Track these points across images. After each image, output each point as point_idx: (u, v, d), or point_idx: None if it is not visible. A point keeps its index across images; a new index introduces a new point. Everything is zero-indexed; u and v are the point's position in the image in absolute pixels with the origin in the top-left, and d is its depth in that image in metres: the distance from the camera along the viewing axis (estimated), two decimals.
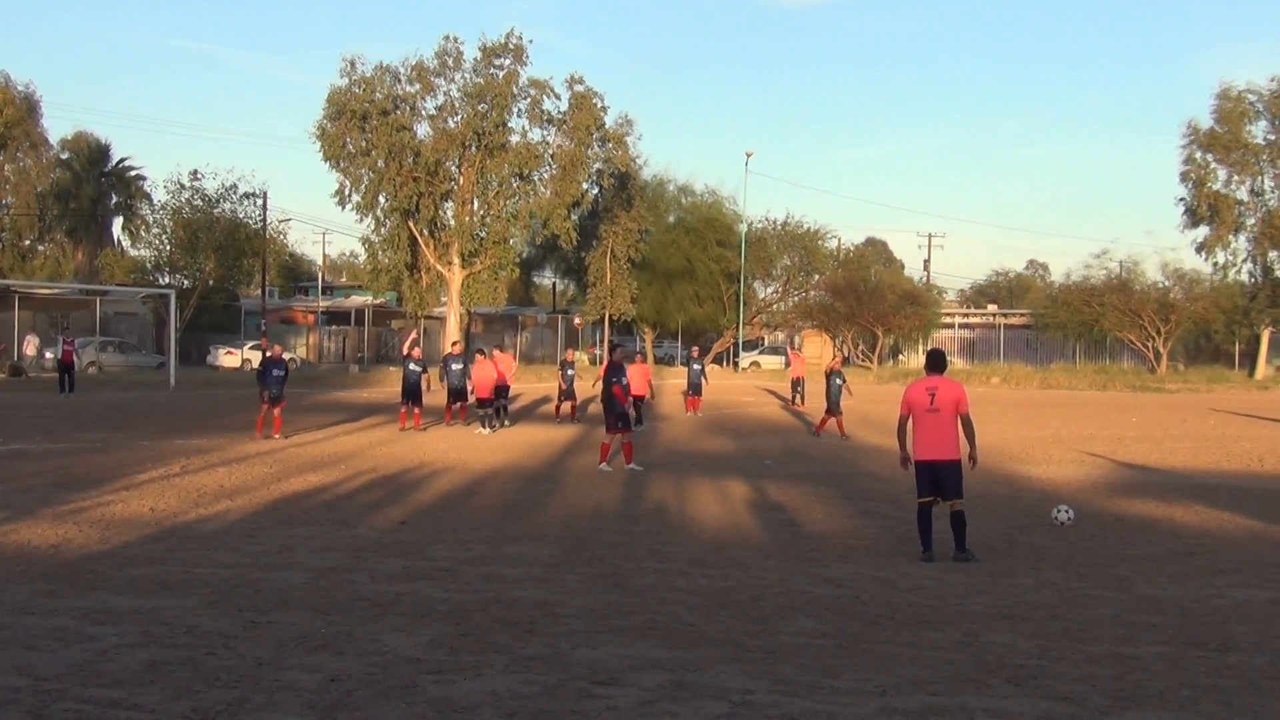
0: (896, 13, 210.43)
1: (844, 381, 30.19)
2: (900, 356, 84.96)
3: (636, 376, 30.32)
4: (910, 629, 9.61)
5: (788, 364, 56.26)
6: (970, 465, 13.19)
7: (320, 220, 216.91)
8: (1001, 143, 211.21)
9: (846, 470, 21.82)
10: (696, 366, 37.27)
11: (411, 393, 29.08)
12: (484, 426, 28.77)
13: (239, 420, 30.99)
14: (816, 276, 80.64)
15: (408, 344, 29.99)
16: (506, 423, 29.85)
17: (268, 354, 28.51)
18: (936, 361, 13.55)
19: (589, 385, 33.99)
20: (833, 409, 29.32)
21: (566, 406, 33.18)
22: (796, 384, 40.86)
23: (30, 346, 55.30)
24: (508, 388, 30.40)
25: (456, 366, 30.30)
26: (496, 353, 31.09)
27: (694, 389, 36.56)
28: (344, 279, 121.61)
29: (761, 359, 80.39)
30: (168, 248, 68.00)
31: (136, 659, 8.37)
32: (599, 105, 64.36)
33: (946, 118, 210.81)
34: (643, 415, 30.15)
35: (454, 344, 30.97)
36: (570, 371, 33.34)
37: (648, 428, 29.75)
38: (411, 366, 29.32)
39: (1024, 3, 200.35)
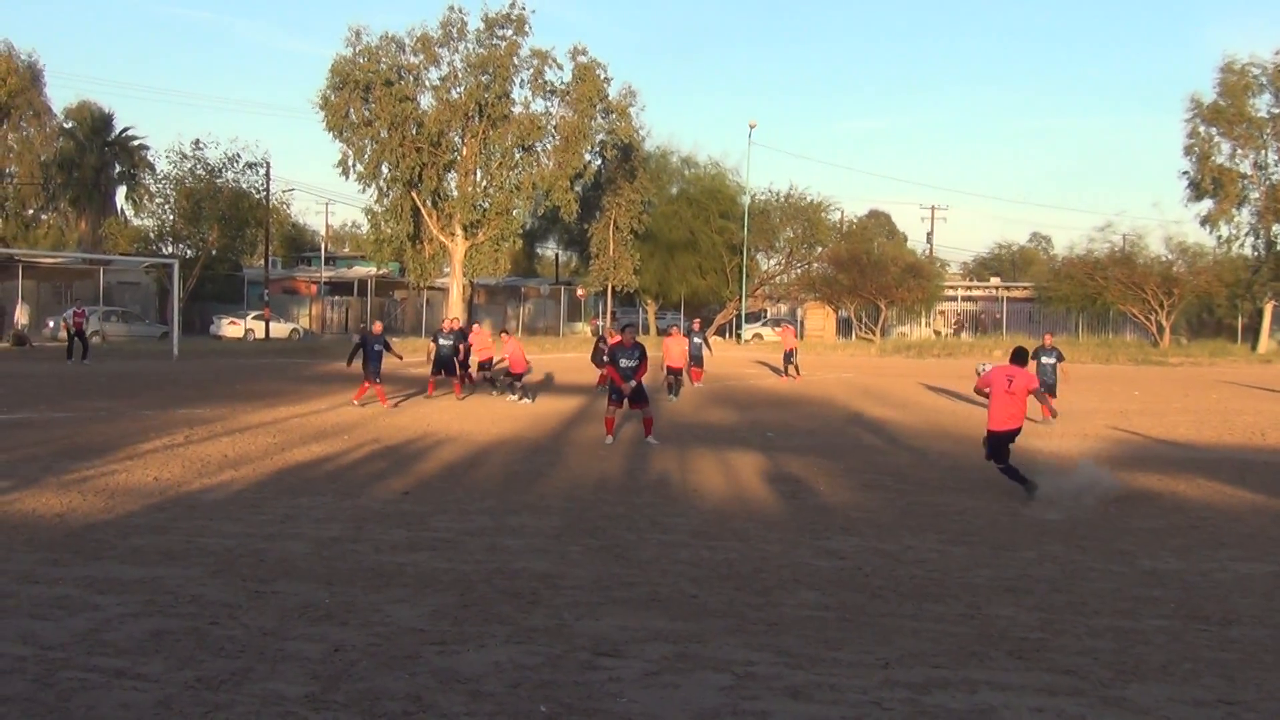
0: None
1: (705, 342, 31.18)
2: (903, 329, 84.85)
3: (675, 347, 30.79)
4: (913, 602, 9.62)
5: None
6: (1051, 416, 17.37)
7: (323, 191, 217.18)
8: (1005, 115, 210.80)
9: (849, 443, 21.82)
10: (697, 339, 37.28)
11: (444, 364, 30.03)
12: (526, 396, 29.63)
13: (243, 390, 31.00)
14: (819, 249, 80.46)
15: (448, 322, 31.02)
16: (513, 396, 29.86)
17: (370, 330, 28.99)
18: (1019, 357, 16.35)
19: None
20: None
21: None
22: (789, 356, 41.00)
23: (23, 315, 55.32)
24: (518, 372, 30.53)
25: (446, 341, 30.42)
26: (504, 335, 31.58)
27: (695, 361, 36.61)
28: (347, 249, 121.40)
29: (764, 331, 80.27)
30: (171, 217, 67.73)
31: (140, 628, 8.39)
32: (602, 76, 64.21)
33: (950, 89, 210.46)
34: (679, 388, 30.55)
35: (452, 319, 31.18)
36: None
37: (653, 400, 29.80)
38: (442, 341, 30.14)
39: None
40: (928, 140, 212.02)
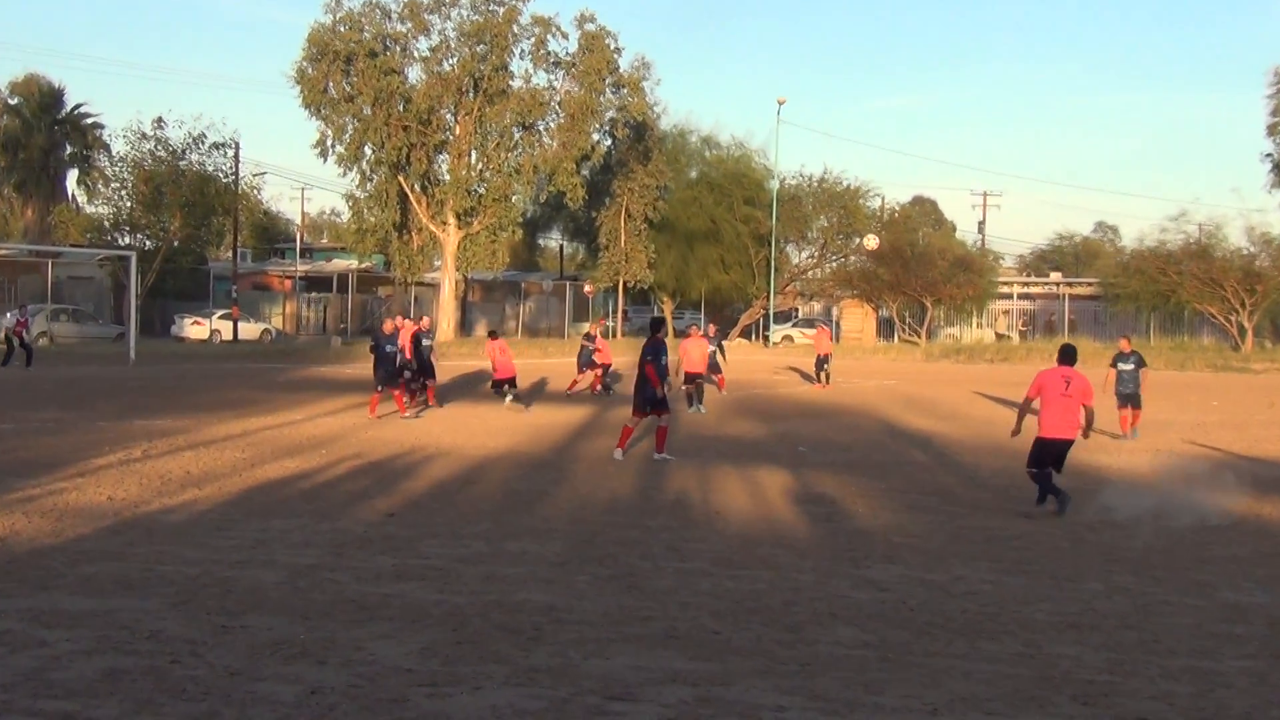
0: None
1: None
2: (951, 331, 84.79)
3: (694, 350, 30.41)
4: (964, 639, 9.58)
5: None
6: (1083, 436, 16.64)
7: (299, 175, 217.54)
8: (1066, 89, 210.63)
9: (891, 459, 21.80)
10: (711, 346, 37.35)
11: (388, 372, 29.31)
12: (518, 402, 30.18)
13: (208, 399, 31.05)
14: (857, 240, 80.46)
15: (390, 322, 30.47)
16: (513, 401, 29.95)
17: (380, 329, 29.27)
18: (1069, 355, 16.52)
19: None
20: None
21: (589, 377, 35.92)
22: (822, 361, 40.93)
23: None
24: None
25: (391, 347, 30.30)
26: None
27: (711, 369, 36.70)
28: (325, 240, 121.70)
29: (795, 333, 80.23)
30: (128, 204, 67.95)
31: (92, 667, 8.37)
32: (612, 46, 64.46)
33: (1004, 61, 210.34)
34: (701, 396, 30.35)
35: (396, 318, 31.22)
36: (588, 344, 35.10)
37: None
38: (425, 343, 30.38)
39: None
40: (980, 118, 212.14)
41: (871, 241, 73.58)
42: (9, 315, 45.99)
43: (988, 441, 24.61)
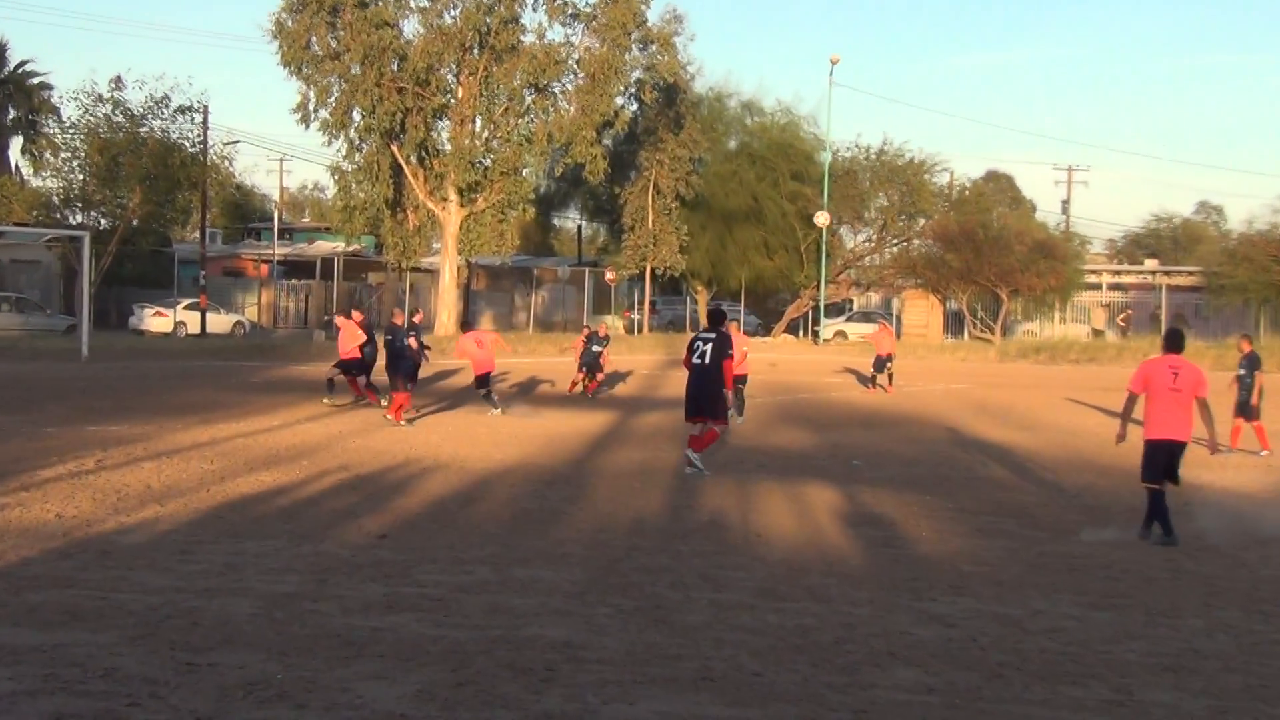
0: None
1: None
2: (1029, 326, 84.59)
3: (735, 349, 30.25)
4: (1044, 684, 9.58)
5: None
6: (1211, 452, 16.92)
7: (277, 144, 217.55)
8: (1163, 48, 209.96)
9: (960, 474, 21.80)
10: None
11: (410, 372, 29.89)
12: (493, 405, 30.07)
13: (171, 401, 31.16)
14: (922, 221, 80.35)
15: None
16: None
17: (392, 321, 29.55)
18: (1176, 341, 16.24)
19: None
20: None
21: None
22: (882, 363, 40.93)
23: None
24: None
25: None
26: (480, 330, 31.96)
27: None
28: (307, 218, 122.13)
29: (849, 327, 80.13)
30: (80, 177, 68.06)
31: (38, 710, 8.41)
32: None
33: (1092, 15, 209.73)
34: (743, 404, 29.93)
35: (352, 311, 31.50)
36: (596, 347, 36.33)
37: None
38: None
39: None
40: (1063, 80, 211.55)
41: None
42: None
43: (1071, 454, 24.58)
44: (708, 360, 20.61)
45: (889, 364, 40.93)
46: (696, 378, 20.81)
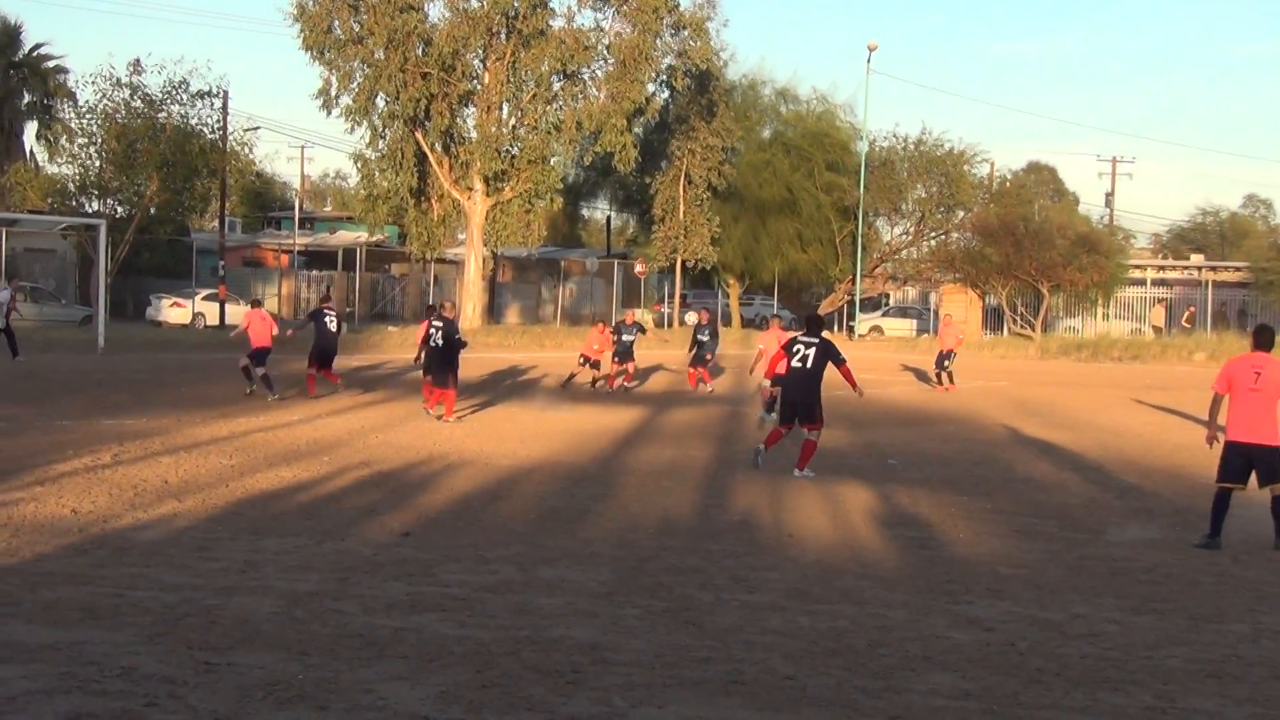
0: None
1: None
2: (1071, 323, 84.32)
3: (773, 345, 30.04)
4: (1083, 689, 9.58)
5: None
6: None
7: (298, 131, 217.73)
8: (1212, 37, 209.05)
9: (999, 474, 21.77)
10: (703, 337, 37.72)
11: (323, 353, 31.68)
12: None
13: (189, 394, 31.22)
14: (961, 213, 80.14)
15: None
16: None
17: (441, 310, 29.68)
18: (1265, 338, 16.06)
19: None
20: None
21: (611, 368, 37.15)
22: (944, 359, 40.87)
23: None
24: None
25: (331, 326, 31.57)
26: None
27: (700, 360, 37.30)
28: (329, 208, 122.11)
29: (885, 323, 79.97)
30: (97, 163, 68.10)
31: (54, 710, 8.44)
32: None
33: (1138, 2, 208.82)
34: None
35: (442, 303, 31.58)
36: (628, 336, 36.56)
37: (736, 414, 29.83)
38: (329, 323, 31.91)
39: None
40: (1107, 69, 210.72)
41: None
42: (2, 293, 45.27)
43: (1114, 455, 24.52)
44: (809, 364, 20.86)
45: (949, 361, 40.86)
46: (795, 382, 21.12)
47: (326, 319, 31.65)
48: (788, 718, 8.68)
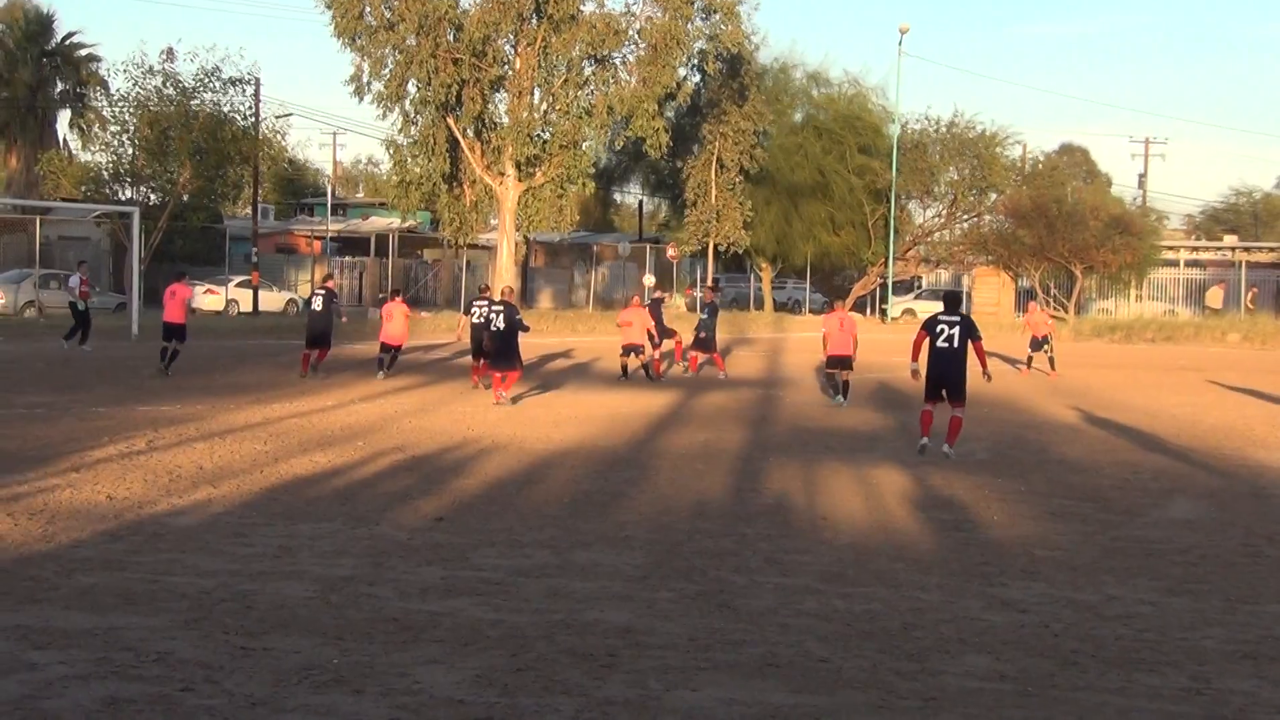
0: None
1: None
2: (1104, 304, 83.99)
3: (837, 330, 29.63)
4: (1119, 671, 9.56)
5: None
6: None
7: (330, 116, 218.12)
8: (1244, 16, 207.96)
9: (1033, 456, 21.71)
10: (704, 315, 37.58)
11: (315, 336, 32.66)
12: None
13: (223, 381, 31.30)
14: (994, 196, 79.89)
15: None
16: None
17: (489, 294, 29.97)
18: None
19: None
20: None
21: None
22: (1038, 344, 40.91)
23: None
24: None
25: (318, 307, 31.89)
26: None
27: (702, 345, 37.03)
28: (361, 194, 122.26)
29: (917, 305, 79.71)
30: (129, 151, 68.14)
31: (90, 694, 8.48)
32: None
33: None
34: (848, 387, 29.78)
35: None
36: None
37: (769, 398, 29.81)
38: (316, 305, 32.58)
39: None
40: (1141, 49, 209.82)
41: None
42: (72, 278, 45.30)
43: (1149, 436, 24.43)
44: (955, 344, 21.15)
45: (1046, 345, 40.84)
46: (941, 361, 21.35)
47: (313, 301, 32.02)
48: (823, 700, 8.68)
